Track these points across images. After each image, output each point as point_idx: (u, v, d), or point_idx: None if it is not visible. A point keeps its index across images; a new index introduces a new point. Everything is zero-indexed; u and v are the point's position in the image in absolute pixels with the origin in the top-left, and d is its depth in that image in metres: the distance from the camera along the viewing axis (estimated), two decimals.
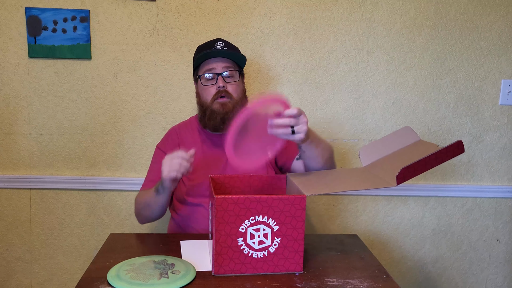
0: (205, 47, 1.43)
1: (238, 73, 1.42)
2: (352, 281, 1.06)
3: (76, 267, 1.87)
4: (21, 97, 1.75)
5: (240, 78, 1.43)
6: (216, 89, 1.37)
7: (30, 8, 1.68)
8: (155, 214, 1.37)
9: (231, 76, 1.39)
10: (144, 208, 1.37)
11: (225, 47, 1.40)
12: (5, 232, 1.83)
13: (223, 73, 1.38)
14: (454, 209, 1.94)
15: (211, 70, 1.38)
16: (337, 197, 1.90)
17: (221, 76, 1.37)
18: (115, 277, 1.02)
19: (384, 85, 1.83)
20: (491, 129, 1.89)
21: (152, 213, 1.37)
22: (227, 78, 1.38)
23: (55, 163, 1.80)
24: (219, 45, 1.41)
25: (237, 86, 1.40)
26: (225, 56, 1.38)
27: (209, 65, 1.39)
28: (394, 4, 1.78)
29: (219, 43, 1.41)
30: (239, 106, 1.37)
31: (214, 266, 1.06)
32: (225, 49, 1.39)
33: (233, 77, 1.39)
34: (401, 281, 1.96)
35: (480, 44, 1.83)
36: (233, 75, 1.40)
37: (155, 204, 1.33)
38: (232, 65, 1.40)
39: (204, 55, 1.38)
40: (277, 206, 1.04)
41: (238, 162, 1.10)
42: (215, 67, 1.38)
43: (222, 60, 1.38)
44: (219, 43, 1.41)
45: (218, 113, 1.37)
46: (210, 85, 1.38)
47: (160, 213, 1.38)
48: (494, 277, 2.00)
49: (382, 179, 1.15)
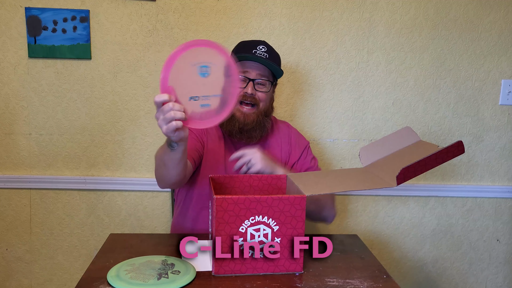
0: (247, 48, 1.40)
1: (270, 84, 1.40)
2: (352, 281, 1.06)
3: (76, 267, 1.87)
4: (21, 97, 1.75)
5: (271, 89, 1.41)
6: (243, 93, 1.35)
7: (30, 8, 1.67)
8: (173, 172, 1.20)
9: (262, 84, 1.37)
10: (160, 166, 1.23)
11: (266, 52, 1.38)
12: (5, 232, 1.83)
13: (255, 80, 1.36)
14: (454, 209, 1.94)
15: (245, 73, 1.36)
16: (337, 197, 1.90)
17: (252, 82, 1.35)
18: (115, 277, 1.02)
19: (384, 85, 1.83)
20: (491, 129, 1.89)
21: (169, 171, 1.20)
22: (258, 85, 1.37)
23: (55, 163, 1.80)
24: (261, 49, 1.38)
25: (266, 95, 1.38)
26: (263, 63, 1.36)
27: (244, 67, 1.36)
28: (394, 4, 1.78)
29: (261, 47, 1.39)
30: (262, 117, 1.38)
31: (214, 266, 1.06)
32: (266, 56, 1.37)
33: (264, 86, 1.38)
34: (401, 281, 1.96)
35: (480, 44, 1.83)
36: (265, 84, 1.38)
37: (170, 160, 1.16)
38: (267, 74, 1.38)
39: (243, 58, 1.36)
40: (277, 206, 1.04)
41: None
42: (250, 72, 1.36)
43: (259, 67, 1.37)
44: (261, 46, 1.39)
45: (238, 121, 1.36)
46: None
47: (178, 172, 1.20)
48: (494, 277, 2.00)
49: (382, 179, 1.15)
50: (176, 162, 1.14)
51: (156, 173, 1.26)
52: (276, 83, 1.46)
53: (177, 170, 1.19)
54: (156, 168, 1.25)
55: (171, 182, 1.24)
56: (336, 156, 1.86)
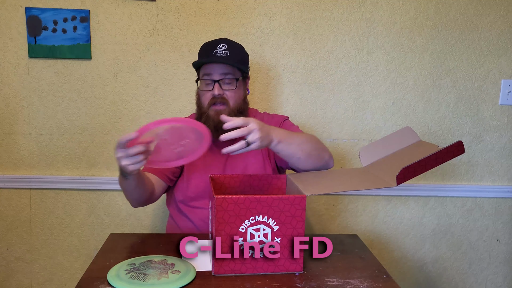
0: (207, 49, 1.39)
1: (235, 81, 1.37)
2: (352, 281, 1.07)
3: (76, 267, 1.87)
4: (21, 97, 1.75)
5: (239, 85, 1.38)
6: (211, 95, 1.35)
7: (30, 8, 1.68)
8: (133, 197, 1.30)
9: (228, 83, 1.36)
10: (122, 190, 1.30)
11: (227, 50, 1.36)
12: (5, 232, 1.83)
13: (220, 80, 1.34)
14: (454, 209, 1.94)
15: (209, 75, 1.35)
16: (337, 197, 1.90)
17: (217, 83, 1.34)
18: (115, 277, 1.02)
19: (384, 85, 1.83)
20: (491, 129, 1.89)
21: (130, 196, 1.30)
22: (225, 85, 1.35)
23: (55, 163, 1.80)
24: (221, 48, 1.36)
25: (234, 93, 1.36)
26: (223, 62, 1.34)
27: (207, 70, 1.35)
28: (394, 4, 1.78)
29: (221, 46, 1.37)
30: (235, 113, 1.35)
31: (214, 266, 1.06)
32: (226, 54, 1.35)
33: (230, 84, 1.36)
34: (401, 281, 1.97)
35: (480, 44, 1.83)
36: (230, 82, 1.36)
37: (127, 187, 1.24)
38: (232, 71, 1.36)
39: (203, 63, 1.35)
40: (277, 206, 1.04)
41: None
42: (213, 73, 1.35)
43: (221, 67, 1.35)
44: (221, 45, 1.37)
45: (212, 120, 1.34)
46: (207, 91, 1.36)
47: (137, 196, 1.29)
48: (494, 277, 2.00)
49: (382, 179, 1.15)
50: (133, 187, 1.24)
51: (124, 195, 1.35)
52: (246, 76, 1.42)
53: (136, 195, 1.29)
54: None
55: (138, 202, 1.35)
56: (336, 156, 1.86)
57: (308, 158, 1.26)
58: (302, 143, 1.26)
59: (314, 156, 1.28)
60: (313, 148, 1.28)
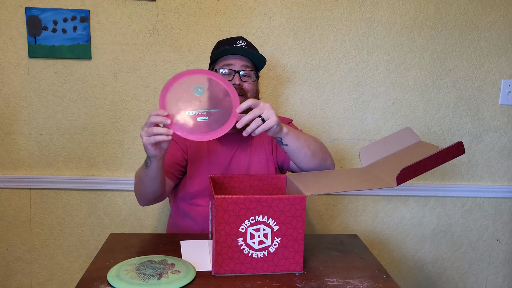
0: (226, 43, 1.42)
1: (254, 74, 1.41)
2: (352, 281, 1.07)
3: (76, 267, 1.87)
4: (21, 97, 1.75)
5: (256, 79, 1.42)
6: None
7: (30, 8, 1.68)
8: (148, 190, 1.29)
9: (248, 75, 1.38)
10: (138, 183, 1.31)
11: (246, 46, 1.40)
12: (5, 232, 1.84)
13: (240, 71, 1.36)
14: (454, 209, 1.94)
15: (229, 66, 1.37)
16: (337, 197, 1.90)
17: (238, 74, 1.36)
18: (115, 277, 1.02)
19: (384, 85, 1.83)
20: (491, 129, 1.89)
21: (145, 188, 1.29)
22: (244, 77, 1.37)
23: (55, 163, 1.80)
24: (241, 43, 1.40)
25: (252, 86, 1.39)
26: (245, 55, 1.37)
27: (227, 61, 1.38)
28: (394, 4, 1.78)
29: (241, 41, 1.41)
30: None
31: (214, 266, 1.06)
32: (246, 48, 1.38)
33: (249, 77, 1.38)
34: (401, 281, 1.97)
35: (480, 44, 1.83)
36: (250, 74, 1.38)
37: (145, 177, 1.25)
38: (251, 65, 1.39)
39: (224, 51, 1.37)
40: (277, 206, 1.04)
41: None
42: (234, 64, 1.37)
43: (241, 59, 1.38)
44: (241, 41, 1.41)
45: None
46: None
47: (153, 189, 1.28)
48: (494, 277, 2.00)
49: (382, 180, 1.15)
50: (153, 177, 1.24)
51: (135, 190, 1.35)
52: (259, 74, 1.46)
53: (153, 188, 1.28)
54: (135, 185, 1.35)
55: (148, 198, 1.33)
56: (336, 156, 1.86)
57: (313, 157, 1.29)
58: (309, 140, 1.29)
59: (319, 156, 1.31)
60: (319, 149, 1.32)
